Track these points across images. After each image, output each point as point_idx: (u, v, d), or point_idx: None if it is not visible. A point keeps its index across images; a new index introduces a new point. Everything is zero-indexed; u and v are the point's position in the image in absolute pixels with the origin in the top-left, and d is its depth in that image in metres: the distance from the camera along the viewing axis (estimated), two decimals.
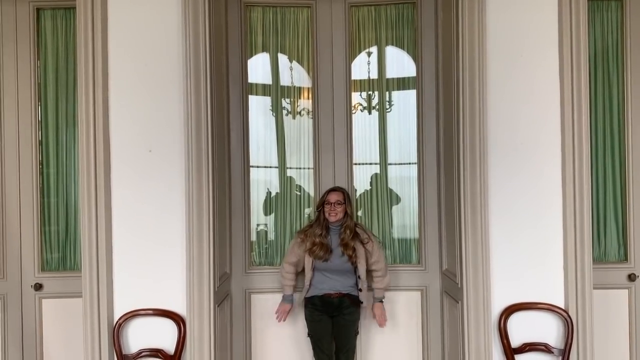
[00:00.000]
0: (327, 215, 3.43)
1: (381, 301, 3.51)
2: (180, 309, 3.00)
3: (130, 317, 3.01)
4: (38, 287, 3.54)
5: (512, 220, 3.04)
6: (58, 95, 3.59)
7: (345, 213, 3.44)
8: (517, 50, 3.03)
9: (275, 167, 3.87)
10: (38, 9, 3.56)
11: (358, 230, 3.47)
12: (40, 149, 3.58)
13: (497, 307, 3.04)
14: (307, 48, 3.82)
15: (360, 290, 3.45)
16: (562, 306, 3.02)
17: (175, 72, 3.00)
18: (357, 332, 3.53)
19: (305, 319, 3.50)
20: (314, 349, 3.45)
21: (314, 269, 3.44)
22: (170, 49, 3.00)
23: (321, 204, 3.48)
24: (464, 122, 3.03)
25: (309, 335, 3.49)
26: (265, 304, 3.73)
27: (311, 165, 3.83)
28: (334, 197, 3.44)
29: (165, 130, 3.00)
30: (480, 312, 2.99)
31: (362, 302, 3.46)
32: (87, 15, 2.95)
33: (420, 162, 3.76)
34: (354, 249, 3.40)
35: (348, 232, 3.41)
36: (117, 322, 2.99)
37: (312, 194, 3.83)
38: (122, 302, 3.02)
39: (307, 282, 3.46)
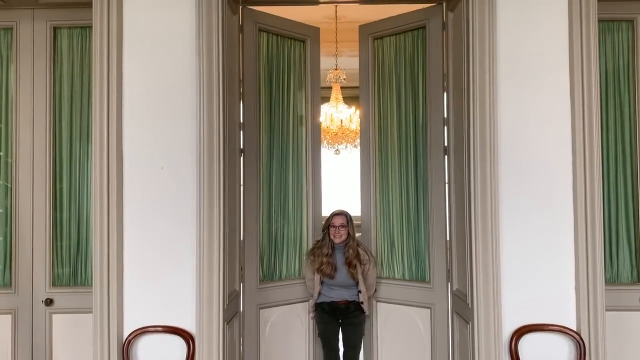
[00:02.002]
0: (332, 237, 3.90)
1: (362, 303, 3.89)
2: (189, 326, 3.01)
3: (139, 333, 3.01)
4: (49, 302, 3.56)
5: (523, 241, 3.03)
6: (72, 111, 3.65)
7: (348, 234, 3.90)
8: (528, 72, 3.04)
9: None
10: (55, 28, 3.63)
11: (360, 250, 3.90)
12: (54, 164, 3.62)
13: (508, 328, 3.01)
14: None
15: (362, 303, 3.88)
16: (574, 328, 2.99)
17: (188, 90, 3.03)
18: (363, 334, 3.95)
19: (316, 322, 3.95)
20: (323, 347, 3.92)
21: (322, 282, 3.90)
22: (184, 68, 3.04)
23: (326, 227, 3.93)
24: (474, 144, 3.03)
25: (319, 335, 3.94)
26: (277, 319, 3.79)
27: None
28: (338, 221, 3.91)
29: (177, 147, 3.03)
30: (491, 333, 2.97)
31: (365, 311, 3.90)
32: (103, 35, 3.01)
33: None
34: (356, 267, 3.85)
35: (351, 251, 3.86)
36: (126, 338, 3.00)
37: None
38: (132, 319, 3.03)
39: (316, 293, 3.92)
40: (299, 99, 4.05)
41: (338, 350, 3.93)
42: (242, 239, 3.65)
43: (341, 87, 8.71)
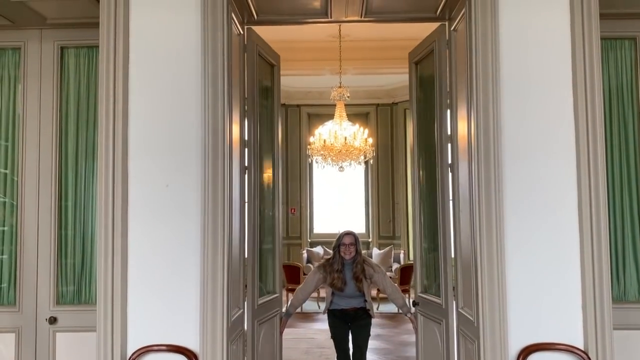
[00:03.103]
0: (342, 254, 4.44)
1: (407, 314, 4.49)
2: (193, 345, 2.98)
3: (143, 352, 2.99)
4: (53, 320, 3.55)
5: (529, 259, 3.00)
6: (79, 130, 3.68)
7: (356, 251, 4.44)
8: (532, 89, 3.05)
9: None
10: (62, 48, 3.68)
11: (366, 266, 4.48)
12: (60, 182, 3.64)
13: (514, 347, 2.97)
14: None
15: (369, 309, 4.52)
16: (582, 347, 2.95)
17: (193, 109, 3.05)
18: (369, 334, 4.63)
19: (329, 325, 4.66)
20: (335, 347, 4.61)
21: (333, 293, 4.52)
22: (190, 89, 3.05)
23: (337, 245, 4.47)
24: (478, 159, 3.03)
25: (332, 337, 4.65)
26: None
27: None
28: (348, 240, 4.46)
29: (182, 166, 3.04)
30: (497, 352, 2.93)
31: (372, 316, 4.59)
32: (110, 55, 3.04)
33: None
34: (362, 281, 4.42)
35: (359, 267, 4.44)
36: (130, 357, 2.98)
37: None
38: (136, 337, 3.01)
39: (328, 301, 4.57)
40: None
41: (348, 350, 4.60)
42: (245, 256, 3.65)
43: (345, 105, 8.80)
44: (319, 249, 10.74)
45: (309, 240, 12.15)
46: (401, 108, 11.92)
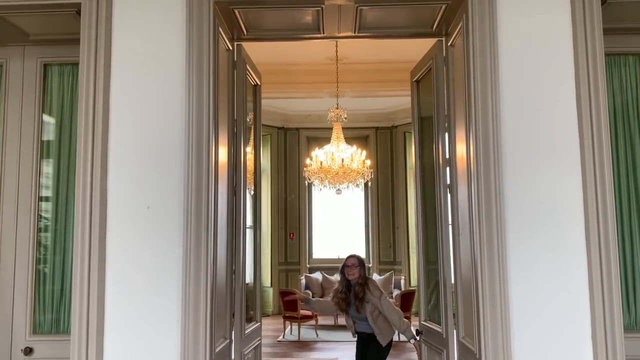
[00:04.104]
0: (347, 275, 4.67)
1: (410, 341, 4.48)
2: None
3: None
4: (28, 351, 3.34)
5: (533, 288, 2.82)
6: (60, 151, 3.52)
7: (359, 273, 4.62)
8: (534, 106, 2.90)
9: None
10: (45, 65, 3.55)
11: (367, 288, 4.60)
12: (39, 205, 3.47)
13: None
14: None
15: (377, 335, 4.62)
16: None
17: (178, 128, 2.91)
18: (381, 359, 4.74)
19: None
20: None
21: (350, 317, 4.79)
22: (175, 107, 2.92)
23: (342, 267, 4.71)
24: (478, 182, 2.87)
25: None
26: None
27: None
28: (350, 261, 4.69)
29: (165, 186, 2.88)
30: None
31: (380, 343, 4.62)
32: (90, 70, 2.92)
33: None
34: (362, 300, 4.57)
35: (358, 287, 4.61)
36: None
37: None
38: None
39: (349, 324, 4.87)
40: None
41: None
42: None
43: (345, 128, 8.68)
44: (317, 275, 10.50)
45: (308, 265, 11.90)
46: (401, 131, 11.82)
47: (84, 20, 2.95)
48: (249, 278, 3.83)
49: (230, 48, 3.46)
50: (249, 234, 3.88)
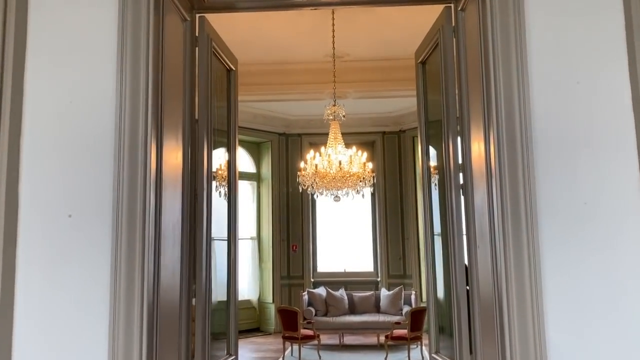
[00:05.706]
0: None
1: None
2: None
3: None
4: None
5: (577, 311, 2.17)
6: None
7: None
8: (572, 75, 2.22)
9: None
10: None
11: None
12: None
13: None
14: None
15: None
16: None
17: (106, 128, 2.27)
18: None
19: None
20: None
21: None
22: (102, 98, 2.31)
23: None
24: (501, 181, 2.20)
25: None
26: None
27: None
28: None
29: (91, 190, 2.24)
30: None
31: None
32: None
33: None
34: None
35: None
36: None
37: None
38: None
39: None
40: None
41: None
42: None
43: (350, 133, 8.06)
44: (321, 290, 9.78)
45: (312, 280, 11.19)
46: (409, 136, 11.14)
47: None
48: (221, 297, 3.18)
49: (188, 19, 2.80)
50: (222, 246, 3.22)
